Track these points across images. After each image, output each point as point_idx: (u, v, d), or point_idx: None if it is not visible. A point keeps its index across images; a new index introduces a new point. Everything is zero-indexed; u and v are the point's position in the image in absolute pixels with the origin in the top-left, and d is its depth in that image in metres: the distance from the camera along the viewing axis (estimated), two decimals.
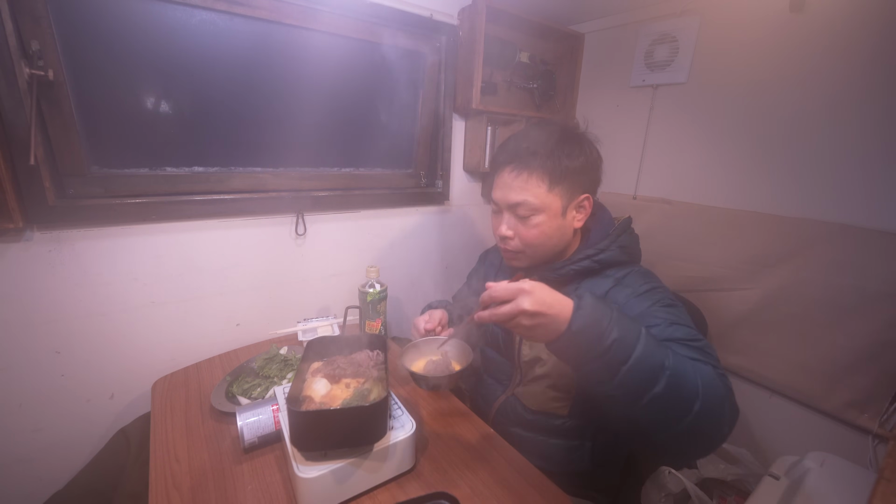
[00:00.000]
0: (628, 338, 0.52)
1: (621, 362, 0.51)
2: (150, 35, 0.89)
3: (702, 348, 0.63)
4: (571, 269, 0.79)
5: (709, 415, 0.54)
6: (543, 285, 0.55)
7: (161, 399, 0.87)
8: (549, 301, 0.53)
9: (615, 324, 0.52)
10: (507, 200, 0.78)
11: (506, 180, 0.78)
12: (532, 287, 0.54)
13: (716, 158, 1.21)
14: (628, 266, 0.81)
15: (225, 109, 1.02)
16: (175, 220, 0.97)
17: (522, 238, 0.79)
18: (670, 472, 1.07)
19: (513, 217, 0.79)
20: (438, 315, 0.94)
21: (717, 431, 0.56)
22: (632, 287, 0.75)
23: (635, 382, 0.52)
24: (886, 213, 0.94)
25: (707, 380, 0.55)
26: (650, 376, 0.52)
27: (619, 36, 1.41)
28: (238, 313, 1.11)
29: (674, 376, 0.52)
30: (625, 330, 0.53)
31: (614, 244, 0.79)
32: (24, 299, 0.84)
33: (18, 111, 0.76)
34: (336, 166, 1.23)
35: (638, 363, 0.51)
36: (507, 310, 0.53)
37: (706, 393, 0.54)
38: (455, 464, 0.72)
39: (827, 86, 1.00)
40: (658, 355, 0.53)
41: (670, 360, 0.53)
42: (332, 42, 1.12)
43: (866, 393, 0.98)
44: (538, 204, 0.75)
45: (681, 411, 0.53)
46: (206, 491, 0.65)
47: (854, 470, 0.90)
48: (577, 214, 0.80)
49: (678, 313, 0.70)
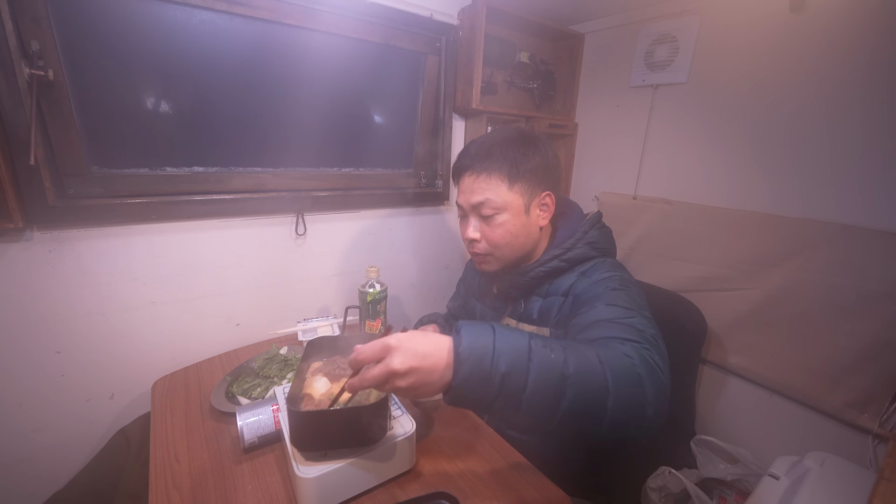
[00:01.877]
0: (518, 365, 0.47)
1: (519, 391, 0.47)
2: (150, 35, 0.89)
3: (631, 325, 0.61)
4: (540, 271, 0.81)
5: (626, 404, 0.50)
6: (415, 334, 0.50)
7: (161, 399, 0.87)
8: (422, 351, 0.48)
9: (500, 355, 0.47)
10: (470, 202, 0.80)
11: (467, 184, 0.80)
12: (399, 341, 0.48)
13: (716, 158, 1.21)
14: (596, 259, 0.81)
15: (225, 109, 1.02)
16: (175, 220, 0.97)
17: (489, 239, 0.80)
18: (670, 472, 1.07)
19: (477, 219, 0.81)
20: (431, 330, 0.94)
21: (639, 415, 0.51)
22: (592, 277, 0.77)
23: (540, 405, 0.48)
24: (886, 213, 0.94)
25: (617, 367, 0.51)
26: (553, 393, 0.48)
27: (619, 36, 1.41)
28: (238, 313, 1.11)
29: (578, 383, 0.48)
30: (512, 357, 0.47)
31: (581, 241, 0.80)
32: (24, 299, 0.84)
33: (18, 111, 0.76)
34: (336, 166, 1.23)
35: (536, 386, 0.47)
36: (376, 373, 0.48)
37: (618, 384, 0.50)
38: (455, 464, 0.72)
39: (827, 86, 1.00)
40: (555, 367, 0.48)
41: (570, 367, 0.48)
42: (332, 42, 1.12)
43: (866, 393, 0.97)
44: (500, 202, 0.77)
45: (596, 412, 0.49)
46: (206, 491, 0.65)
47: (854, 470, 0.90)
48: (541, 213, 0.81)
49: (622, 295, 0.69)
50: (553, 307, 0.81)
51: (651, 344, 0.58)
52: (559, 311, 0.80)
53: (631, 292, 0.71)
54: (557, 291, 0.81)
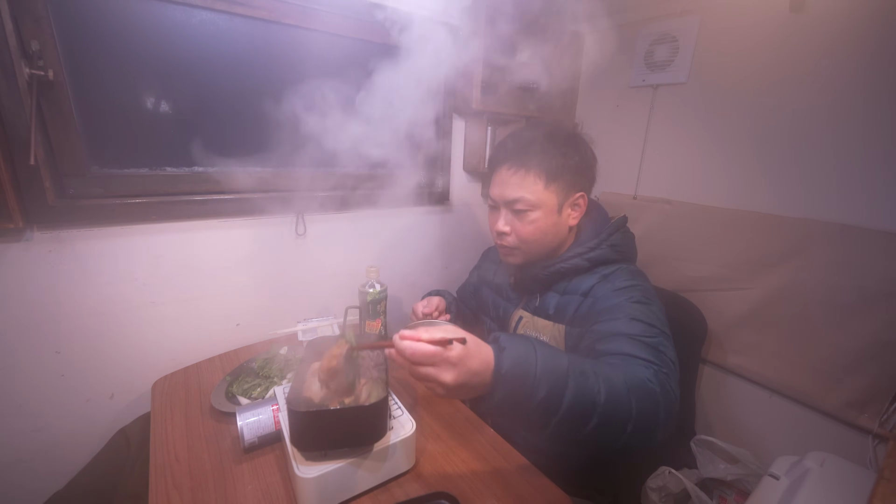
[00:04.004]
0: (555, 391, 0.49)
1: (552, 413, 0.49)
2: (150, 35, 0.89)
3: (654, 346, 0.63)
4: (562, 267, 0.81)
5: (642, 429, 0.54)
6: (470, 351, 0.48)
7: (161, 399, 0.87)
8: (473, 369, 0.48)
9: (540, 380, 0.48)
10: (504, 197, 0.80)
11: (503, 177, 0.80)
12: (459, 360, 0.47)
13: (716, 158, 1.21)
14: (619, 264, 0.82)
15: (225, 109, 1.02)
16: (175, 220, 0.97)
17: (518, 234, 0.81)
18: (670, 472, 1.07)
19: (509, 213, 0.81)
20: (436, 301, 0.96)
21: (650, 439, 0.56)
22: (613, 283, 0.77)
23: (568, 426, 0.51)
24: (886, 213, 0.94)
25: (641, 395, 0.54)
26: (583, 418, 0.51)
27: (619, 36, 1.40)
28: (238, 313, 1.11)
29: (606, 411, 0.51)
30: (551, 383, 0.49)
31: (605, 243, 0.81)
32: (24, 299, 0.84)
33: (18, 111, 0.76)
34: (336, 166, 1.23)
35: (569, 411, 0.49)
36: (424, 374, 0.48)
37: (639, 412, 0.53)
38: (455, 464, 0.72)
39: (827, 86, 1.00)
40: (589, 395, 0.51)
41: (602, 396, 0.51)
42: (332, 42, 1.12)
43: (866, 393, 0.97)
44: (535, 200, 0.77)
45: (616, 435, 0.53)
46: (206, 491, 0.65)
47: (854, 470, 0.90)
48: (572, 212, 0.81)
49: (645, 310, 0.70)
50: (571, 305, 0.81)
51: (670, 369, 0.61)
52: (577, 310, 0.80)
53: (653, 308, 0.72)
54: (577, 290, 0.81)
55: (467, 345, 0.48)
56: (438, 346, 0.47)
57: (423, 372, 0.48)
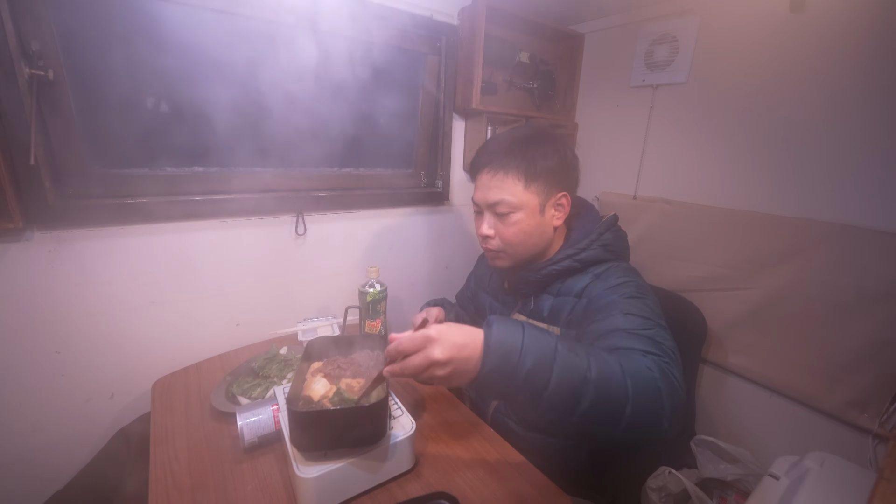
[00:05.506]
0: (543, 363, 0.50)
1: (542, 388, 0.50)
2: (150, 35, 0.89)
3: (651, 337, 0.63)
4: (553, 269, 0.81)
5: (643, 414, 0.52)
6: (451, 326, 0.53)
7: (161, 399, 0.87)
8: (459, 342, 0.51)
9: (527, 352, 0.50)
10: (486, 200, 0.80)
11: (484, 181, 0.80)
12: (439, 333, 0.51)
13: (716, 158, 1.21)
14: (611, 263, 0.82)
15: (225, 109, 1.01)
16: (175, 220, 0.97)
17: (502, 237, 0.81)
18: (670, 472, 1.07)
19: (493, 216, 0.81)
20: (435, 312, 0.96)
21: (656, 426, 0.54)
22: (606, 281, 0.77)
23: (560, 403, 0.50)
24: (886, 213, 0.94)
25: (638, 378, 0.53)
26: (573, 394, 0.50)
27: (619, 36, 1.41)
28: (238, 313, 1.11)
29: (599, 388, 0.51)
30: (538, 356, 0.50)
31: (596, 243, 0.81)
32: (24, 299, 0.84)
33: (18, 111, 0.76)
34: (336, 166, 1.23)
35: (558, 385, 0.50)
36: (417, 362, 0.51)
37: (637, 394, 0.52)
38: (455, 464, 0.72)
39: (827, 86, 1.00)
40: (578, 370, 0.51)
41: (593, 372, 0.51)
42: (333, 42, 1.11)
43: (866, 393, 0.97)
44: (515, 202, 0.77)
45: (613, 418, 0.52)
46: (206, 491, 0.65)
47: (854, 470, 0.90)
48: (556, 213, 0.82)
49: (639, 304, 0.70)
50: (565, 307, 0.81)
51: (671, 358, 0.60)
52: (571, 312, 0.80)
53: (647, 301, 0.72)
54: (570, 292, 0.81)
55: (446, 323, 0.53)
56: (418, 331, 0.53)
57: (416, 362, 0.51)
